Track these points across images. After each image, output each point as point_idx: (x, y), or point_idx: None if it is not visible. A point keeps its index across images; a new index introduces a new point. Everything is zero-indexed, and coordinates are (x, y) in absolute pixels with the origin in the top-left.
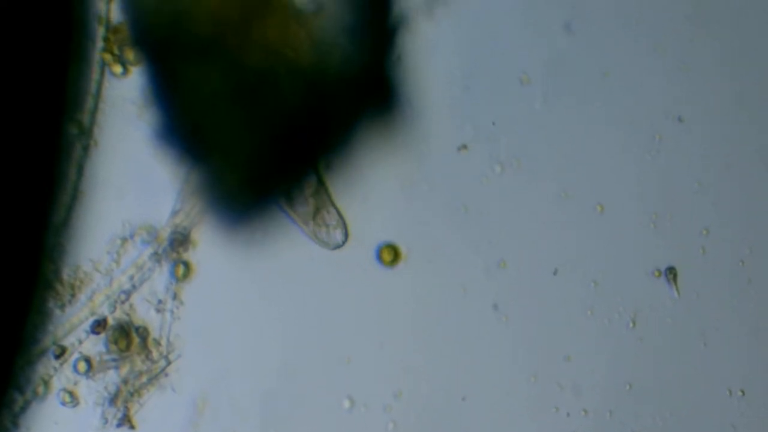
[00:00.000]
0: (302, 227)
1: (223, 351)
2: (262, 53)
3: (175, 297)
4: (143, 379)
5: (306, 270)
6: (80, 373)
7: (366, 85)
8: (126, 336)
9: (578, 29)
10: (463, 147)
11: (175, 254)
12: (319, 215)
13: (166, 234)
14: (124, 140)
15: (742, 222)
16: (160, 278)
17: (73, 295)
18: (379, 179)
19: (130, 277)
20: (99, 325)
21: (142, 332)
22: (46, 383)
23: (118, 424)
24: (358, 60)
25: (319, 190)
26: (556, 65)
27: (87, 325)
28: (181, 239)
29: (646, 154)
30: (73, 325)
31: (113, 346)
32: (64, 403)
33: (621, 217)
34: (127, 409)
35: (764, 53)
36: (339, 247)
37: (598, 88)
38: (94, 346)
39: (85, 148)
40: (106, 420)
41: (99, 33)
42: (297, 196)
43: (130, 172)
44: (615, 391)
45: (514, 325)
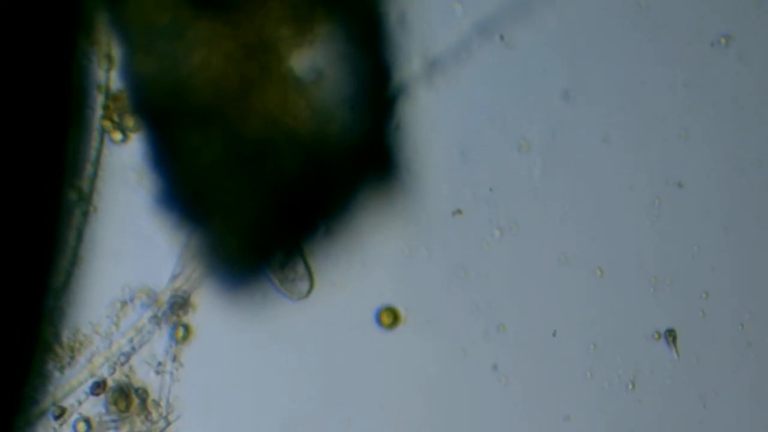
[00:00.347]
0: (270, 276)
1: (223, 413)
2: (262, 122)
3: (174, 359)
4: None
5: (306, 332)
6: None
7: (365, 153)
8: (126, 397)
9: (576, 96)
10: (458, 212)
11: (174, 317)
12: (288, 266)
13: (165, 297)
14: (124, 206)
15: (741, 286)
16: (160, 341)
17: (73, 357)
18: (379, 244)
19: (130, 340)
20: (99, 387)
21: (142, 393)
22: None
23: None
24: (358, 128)
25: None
26: (555, 132)
27: (87, 386)
28: (180, 302)
29: (645, 218)
30: (73, 386)
31: (113, 407)
32: None
33: (621, 281)
34: None
35: (761, 120)
36: (303, 298)
37: (598, 154)
38: (94, 407)
39: (85, 214)
40: None
41: (99, 101)
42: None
43: (129, 237)
44: None
45: (514, 386)
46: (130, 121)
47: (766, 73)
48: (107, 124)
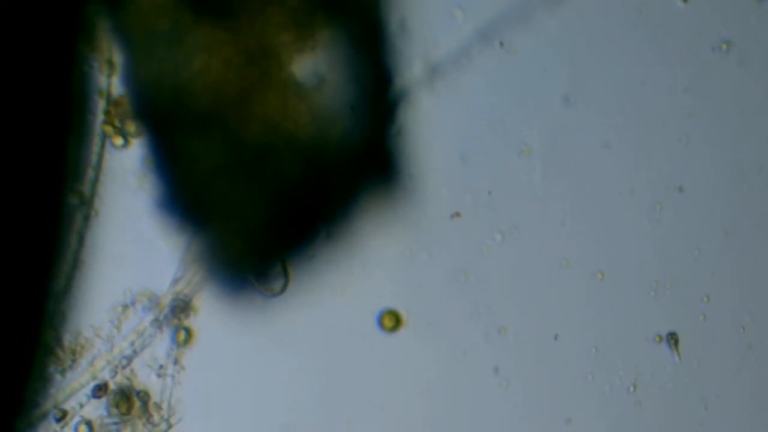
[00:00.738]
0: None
1: (224, 416)
2: (263, 127)
3: (176, 362)
4: None
5: (307, 335)
6: None
7: (366, 158)
8: (127, 400)
9: (576, 101)
10: (456, 214)
11: (176, 320)
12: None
13: (167, 301)
14: (125, 210)
15: (742, 289)
16: (161, 344)
17: (74, 361)
18: (380, 248)
19: (131, 343)
20: (100, 390)
21: (143, 396)
22: None
23: None
24: (359, 133)
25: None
26: (556, 137)
27: (88, 389)
28: (182, 306)
29: (646, 222)
30: (75, 389)
31: (114, 410)
32: None
33: (622, 284)
34: None
35: (761, 125)
36: (276, 295)
37: (599, 159)
38: (96, 410)
39: (86, 218)
40: None
41: (100, 106)
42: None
43: (130, 240)
44: None
45: (515, 389)
46: (132, 126)
47: (766, 78)
48: (108, 129)
